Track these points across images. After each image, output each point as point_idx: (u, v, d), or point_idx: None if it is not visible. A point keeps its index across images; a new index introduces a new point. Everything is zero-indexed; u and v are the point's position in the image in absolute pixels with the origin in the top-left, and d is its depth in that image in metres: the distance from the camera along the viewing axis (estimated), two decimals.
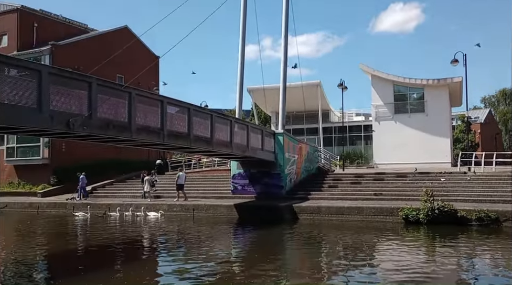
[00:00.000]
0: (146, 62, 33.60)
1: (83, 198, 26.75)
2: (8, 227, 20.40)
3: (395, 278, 8.81)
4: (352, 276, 9.11)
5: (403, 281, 8.63)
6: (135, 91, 14.11)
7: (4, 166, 33.78)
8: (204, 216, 20.87)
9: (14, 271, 10.25)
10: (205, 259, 11.33)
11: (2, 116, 10.06)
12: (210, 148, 18.25)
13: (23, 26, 34.26)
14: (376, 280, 8.84)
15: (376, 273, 9.49)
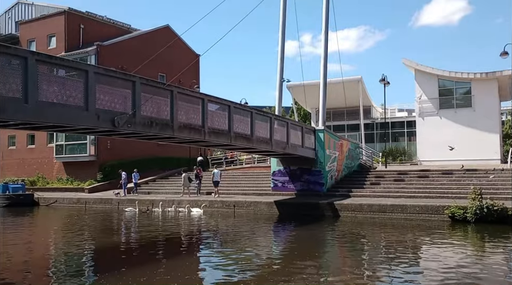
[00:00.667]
0: (187, 60, 34.14)
1: (128, 194, 27.55)
2: (58, 222, 21.28)
3: (441, 280, 8.52)
4: (395, 277, 8.89)
5: (449, 282, 8.34)
6: (176, 90, 14.34)
7: (54, 163, 35.25)
8: (244, 212, 21.00)
9: (64, 263, 10.68)
10: (246, 255, 11.40)
11: (52, 115, 10.47)
12: (250, 145, 18.32)
13: (70, 28, 35.55)
14: (420, 280, 8.59)
15: (420, 273, 9.22)
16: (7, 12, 44.73)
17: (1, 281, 9.08)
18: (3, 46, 9.99)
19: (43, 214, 24.40)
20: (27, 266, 10.77)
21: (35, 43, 36.80)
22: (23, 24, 38.92)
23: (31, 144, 37.09)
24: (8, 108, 9.27)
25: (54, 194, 30.41)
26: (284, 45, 24.98)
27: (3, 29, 44.03)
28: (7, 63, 9.61)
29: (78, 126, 11.77)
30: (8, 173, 36.91)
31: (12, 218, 22.06)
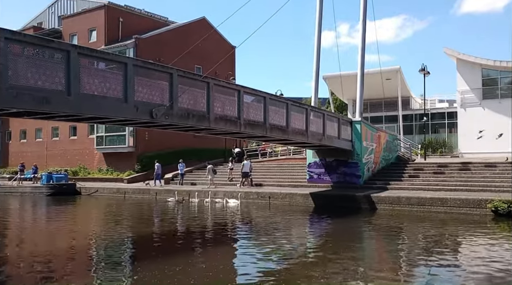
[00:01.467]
0: (223, 52, 34.27)
1: (158, 185, 28.09)
2: (99, 210, 21.97)
3: (483, 277, 8.25)
4: (434, 273, 8.68)
5: (491, 279, 8.06)
6: (213, 81, 14.41)
7: (94, 153, 36.34)
8: (280, 204, 21.00)
9: (104, 251, 11.02)
10: (281, 246, 11.41)
11: (93, 107, 10.75)
12: (285, 136, 18.25)
13: (110, 21, 36.35)
14: (460, 277, 8.34)
15: (460, 269, 8.96)
16: (50, 7, 46.23)
17: (46, 266, 9.47)
18: (47, 40, 10.31)
19: (85, 203, 25.24)
20: (70, 253, 11.18)
21: (76, 37, 37.85)
22: (66, 19, 40.09)
23: (73, 135, 38.35)
24: (52, 100, 9.59)
25: (95, 183, 31.37)
26: (320, 36, 24.67)
27: (46, 24, 45.57)
28: (51, 57, 9.92)
29: (118, 118, 12.03)
30: (52, 163, 38.37)
31: (56, 207, 22.93)
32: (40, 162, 37.92)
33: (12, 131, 43.56)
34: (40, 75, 9.42)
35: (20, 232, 15.53)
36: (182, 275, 8.37)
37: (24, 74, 9.13)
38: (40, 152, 40.12)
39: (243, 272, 8.90)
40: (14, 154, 42.67)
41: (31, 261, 9.96)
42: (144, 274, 8.56)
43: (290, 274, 8.66)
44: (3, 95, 8.66)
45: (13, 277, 8.66)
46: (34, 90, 9.23)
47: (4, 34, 8.68)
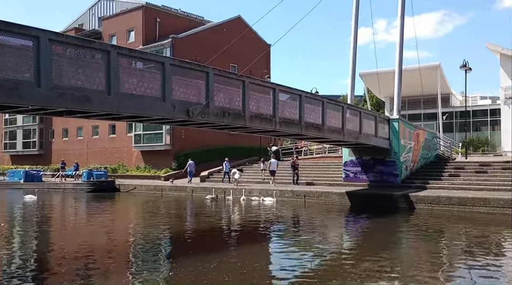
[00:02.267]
0: (258, 50, 34.29)
1: (190, 182, 28.45)
2: (137, 207, 22.47)
3: None
4: (475, 276, 8.37)
5: None
6: (248, 80, 14.43)
7: (132, 151, 37.18)
8: (315, 202, 20.85)
9: (142, 247, 11.25)
10: (316, 246, 11.32)
11: (132, 106, 10.97)
12: (321, 135, 18.08)
13: (147, 22, 37.09)
14: (503, 280, 8.02)
15: (503, 272, 8.62)
16: (90, 9, 47.60)
17: (86, 262, 9.75)
18: (89, 41, 10.60)
19: (124, 200, 25.87)
20: (110, 249, 11.48)
21: (115, 37, 38.81)
22: (105, 20, 41.17)
23: (112, 133, 39.37)
24: (92, 99, 9.85)
25: (133, 181, 32.09)
26: (357, 33, 24.29)
27: (87, 25, 46.94)
28: (91, 57, 10.20)
29: (156, 116, 12.23)
30: (92, 161, 39.54)
31: (96, 203, 23.61)
32: (81, 159, 39.13)
33: (55, 129, 45.16)
34: (80, 75, 9.69)
35: (63, 227, 16.09)
36: (216, 272, 8.43)
37: (66, 74, 9.42)
38: (81, 150, 41.41)
39: (277, 270, 8.87)
40: (57, 152, 44.23)
41: (72, 256, 10.28)
42: (179, 270, 8.69)
43: (325, 273, 8.57)
44: (48, 94, 8.96)
45: (55, 272, 8.97)
46: (76, 90, 9.50)
47: (48, 35, 8.98)
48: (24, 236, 13.62)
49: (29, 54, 8.72)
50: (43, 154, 45.87)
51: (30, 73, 8.73)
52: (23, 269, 9.06)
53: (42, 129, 46.24)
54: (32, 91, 8.70)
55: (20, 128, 47.89)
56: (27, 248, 11.47)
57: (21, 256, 10.36)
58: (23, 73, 8.67)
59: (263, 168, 27.17)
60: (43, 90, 8.82)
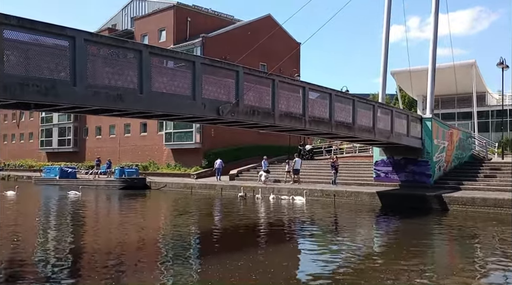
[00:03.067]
0: (288, 49, 34.16)
1: (219, 180, 28.68)
2: (168, 204, 22.78)
3: None
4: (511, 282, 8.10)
5: None
6: (278, 78, 14.40)
7: (163, 149, 37.71)
8: (345, 202, 20.63)
9: (172, 244, 11.41)
10: (346, 247, 11.19)
11: (163, 104, 11.12)
12: (351, 134, 17.87)
13: (178, 21, 37.50)
14: None
15: None
16: (123, 9, 48.54)
17: (118, 258, 9.96)
18: (122, 41, 10.82)
19: (154, 197, 26.28)
20: (141, 245, 11.68)
21: (147, 37, 39.42)
22: (137, 20, 41.89)
23: (143, 132, 40.04)
24: (125, 98, 10.04)
25: (164, 178, 32.54)
26: (389, 30, 23.90)
27: (120, 25, 47.89)
28: (124, 57, 10.40)
29: (186, 115, 12.37)
30: (124, 158, 40.33)
31: (128, 200, 24.07)
32: (113, 157, 39.95)
33: (88, 127, 46.29)
34: (114, 74, 9.90)
35: (96, 223, 16.49)
36: (244, 270, 8.46)
37: (100, 73, 9.64)
38: (113, 148, 42.30)
39: (306, 270, 8.82)
40: (90, 150, 45.34)
41: (105, 252, 10.52)
42: (206, 267, 8.79)
43: (355, 274, 8.46)
44: (83, 93, 9.19)
45: (87, 268, 9.19)
46: (109, 89, 9.71)
47: (84, 36, 9.20)
48: (61, 230, 14.04)
49: (65, 54, 8.96)
50: (78, 151, 47.10)
51: (66, 73, 8.97)
52: (59, 261, 9.34)
53: (77, 127, 47.48)
54: (68, 90, 8.94)
55: (56, 126, 49.33)
56: (64, 242, 11.81)
57: (57, 249, 10.68)
58: (59, 72, 8.92)
59: (287, 170, 26.72)
60: (79, 89, 9.05)
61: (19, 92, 8.23)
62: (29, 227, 14.74)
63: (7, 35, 8.01)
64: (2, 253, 10.24)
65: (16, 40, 8.25)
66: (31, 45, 8.53)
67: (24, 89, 8.27)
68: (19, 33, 8.26)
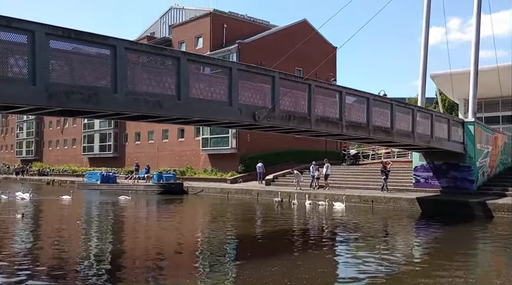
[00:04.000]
0: (324, 53, 33.98)
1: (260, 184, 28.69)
2: (204, 209, 23.02)
3: None
4: None
5: None
6: (314, 83, 14.33)
7: (200, 155, 38.17)
8: (383, 208, 20.23)
9: (209, 249, 11.51)
10: (385, 254, 10.94)
11: (200, 110, 11.28)
12: (389, 138, 17.54)
13: (215, 28, 37.98)
14: None
15: None
16: (161, 18, 49.67)
17: (156, 261, 10.14)
18: (161, 48, 11.07)
19: (192, 202, 26.61)
20: (178, 249, 11.86)
21: (184, 44, 40.14)
22: (175, 28, 42.73)
23: (181, 137, 40.68)
24: (164, 104, 10.25)
25: (200, 183, 32.91)
26: (428, 32, 23.36)
27: (158, 33, 49.00)
28: (162, 64, 10.63)
29: (223, 120, 12.49)
30: (162, 164, 41.06)
31: (166, 205, 24.49)
32: (152, 162, 40.77)
33: (128, 133, 47.47)
34: (152, 80, 10.13)
35: (135, 227, 16.86)
36: (279, 275, 8.43)
37: (139, 80, 9.89)
38: (152, 153, 43.17)
39: (342, 277, 8.70)
40: (130, 155, 46.47)
41: (143, 255, 10.74)
42: (241, 272, 8.84)
43: (393, 281, 8.26)
44: (123, 100, 9.45)
45: (126, 271, 9.39)
46: (148, 95, 9.94)
47: (124, 44, 9.48)
48: (103, 233, 14.44)
49: (106, 62, 9.26)
50: (118, 156, 48.37)
51: (107, 80, 9.26)
52: (100, 263, 9.61)
53: (117, 133, 48.80)
54: (109, 98, 9.22)
55: (97, 132, 50.89)
56: (106, 244, 12.15)
57: (99, 252, 11.00)
58: (101, 80, 9.22)
59: (317, 176, 26.25)
60: (119, 96, 9.31)
61: (64, 100, 8.54)
62: (73, 231, 15.23)
63: (53, 45, 8.35)
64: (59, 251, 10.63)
65: (61, 50, 8.59)
66: (74, 54, 8.86)
67: (69, 97, 8.58)
68: (63, 43, 8.61)
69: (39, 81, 8.08)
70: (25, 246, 11.89)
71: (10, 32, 7.82)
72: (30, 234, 14.11)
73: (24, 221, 16.29)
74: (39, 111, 10.08)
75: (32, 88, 8.05)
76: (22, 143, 66.81)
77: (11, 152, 70.23)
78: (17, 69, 7.94)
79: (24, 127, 66.32)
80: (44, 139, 63.20)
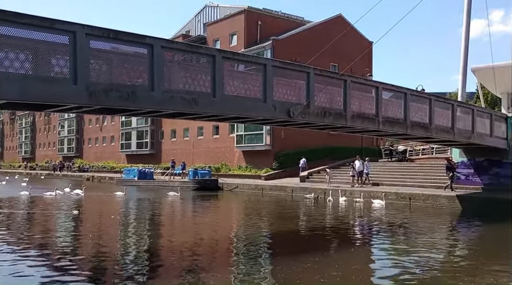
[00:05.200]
0: (359, 48, 33.38)
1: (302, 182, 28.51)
2: (239, 206, 23.17)
3: None
4: None
5: None
6: (350, 79, 14.13)
7: (234, 151, 38.41)
8: (421, 205, 19.77)
9: (244, 244, 11.57)
10: (422, 252, 10.68)
11: (235, 107, 11.33)
12: (428, 134, 17.09)
13: (249, 25, 38.03)
14: None
15: None
16: (196, 16, 50.19)
17: (191, 257, 10.28)
18: (196, 46, 11.20)
19: (226, 198, 26.83)
20: (214, 245, 11.99)
21: (219, 41, 40.41)
22: (210, 25, 43.08)
23: (215, 134, 41.04)
24: (199, 102, 10.35)
25: (235, 180, 33.13)
26: (469, 24, 22.56)
27: (193, 31, 49.55)
28: (197, 61, 10.74)
29: (257, 117, 12.49)
30: (197, 160, 41.58)
31: (201, 201, 24.78)
32: (187, 159, 41.33)
33: (164, 130, 48.30)
34: (188, 78, 10.24)
35: (172, 223, 17.16)
36: (311, 272, 8.39)
37: (176, 78, 10.02)
38: (187, 150, 43.78)
39: (378, 276, 8.54)
40: (166, 152, 47.30)
41: (179, 251, 10.91)
42: (273, 268, 8.85)
43: (432, 282, 8.04)
44: (160, 98, 9.60)
45: (162, 266, 9.58)
46: (184, 93, 10.06)
47: (161, 43, 9.63)
48: (153, 228, 14.79)
49: (143, 61, 9.42)
50: (154, 153, 49.31)
51: (144, 78, 9.42)
52: (138, 258, 9.85)
53: (153, 130, 49.74)
54: (146, 95, 9.39)
55: (134, 130, 52.04)
56: (144, 240, 12.44)
57: (139, 246, 11.27)
58: (138, 78, 9.39)
59: (352, 174, 25.80)
60: (156, 94, 9.47)
61: (103, 98, 8.77)
62: (109, 226, 15.66)
63: (92, 45, 8.57)
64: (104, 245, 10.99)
65: (100, 49, 8.82)
66: (113, 54, 9.08)
67: (108, 95, 8.79)
68: (103, 42, 8.82)
69: (80, 81, 8.31)
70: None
71: (53, 33, 8.08)
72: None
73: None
74: (79, 110, 10.38)
75: (74, 87, 8.29)
76: (63, 141, 69.19)
77: (54, 149, 72.84)
78: (58, 69, 8.20)
79: (66, 125, 68.64)
80: (84, 137, 65.19)
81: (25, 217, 17.01)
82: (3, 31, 7.48)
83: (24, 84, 7.69)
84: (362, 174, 25.28)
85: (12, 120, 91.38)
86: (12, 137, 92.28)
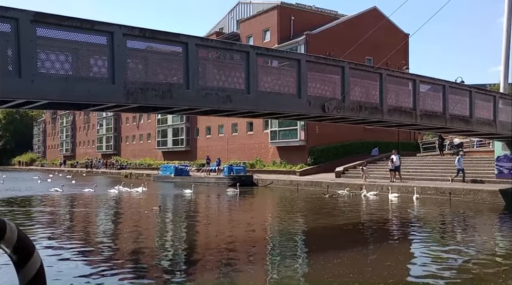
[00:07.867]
0: (395, 41, 32.70)
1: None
2: (274, 201, 23.21)
3: None
4: None
5: None
6: (385, 72, 13.87)
7: (269, 147, 38.45)
8: (461, 201, 19.22)
9: (279, 242, 11.59)
10: (463, 250, 10.36)
11: (269, 103, 11.34)
12: (468, 128, 16.56)
13: (282, 20, 37.91)
14: None
15: None
16: (229, 13, 50.45)
17: (226, 254, 10.38)
18: (230, 43, 11.27)
19: (262, 194, 26.91)
20: (249, 242, 12.06)
21: (252, 38, 40.48)
22: (243, 22, 43.22)
23: (250, 130, 41.22)
24: (234, 99, 10.41)
25: (270, 176, 33.18)
26: (511, 12, 21.66)
27: (226, 28, 49.84)
28: (231, 58, 10.80)
29: (292, 113, 12.45)
30: (232, 156, 41.90)
31: (237, 197, 24.95)
32: (222, 155, 41.73)
33: (199, 127, 48.91)
34: (222, 75, 10.32)
35: (208, 219, 17.37)
36: (342, 268, 8.29)
37: (210, 76, 10.12)
38: (222, 146, 44.17)
39: (410, 272, 8.35)
40: (201, 148, 47.90)
41: (214, 248, 11.02)
42: (306, 265, 8.85)
43: (470, 281, 7.78)
44: (195, 95, 9.73)
45: (197, 263, 9.70)
46: (219, 90, 10.15)
47: (195, 41, 9.74)
48: (178, 226, 15.05)
49: (178, 59, 9.57)
50: (190, 150, 50.04)
51: (179, 76, 9.56)
52: (175, 252, 10.04)
53: (189, 128, 50.46)
54: (182, 93, 9.53)
55: (170, 127, 52.94)
56: (180, 236, 12.65)
57: (175, 242, 11.48)
58: (173, 76, 9.55)
59: (390, 169, 25.25)
60: (191, 92, 9.59)
61: (140, 97, 8.96)
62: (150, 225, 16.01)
63: (129, 45, 8.77)
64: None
65: (136, 49, 9.01)
66: (148, 53, 9.26)
67: (145, 93, 8.98)
68: (139, 42, 9.02)
69: (118, 80, 8.52)
70: None
71: (92, 34, 8.33)
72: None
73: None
74: (117, 108, 10.65)
75: (112, 87, 8.51)
76: (102, 139, 71.24)
77: (93, 147, 75.13)
78: (96, 69, 8.44)
79: (104, 123, 70.62)
80: (122, 134, 66.87)
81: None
82: (46, 33, 7.77)
83: (65, 84, 7.96)
84: (399, 169, 24.78)
85: (54, 119, 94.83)
86: (54, 136, 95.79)
